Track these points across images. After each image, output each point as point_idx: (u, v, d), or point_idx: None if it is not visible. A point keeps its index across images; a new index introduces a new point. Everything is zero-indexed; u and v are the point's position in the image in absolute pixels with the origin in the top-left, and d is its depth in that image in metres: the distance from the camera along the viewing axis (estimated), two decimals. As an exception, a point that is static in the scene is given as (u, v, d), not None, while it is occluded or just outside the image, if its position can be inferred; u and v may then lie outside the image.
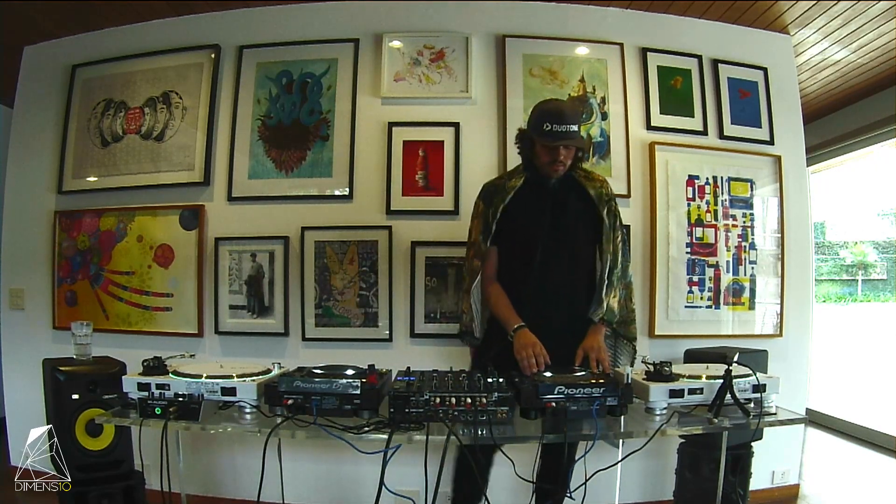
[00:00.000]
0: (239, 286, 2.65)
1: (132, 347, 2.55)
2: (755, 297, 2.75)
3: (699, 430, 1.51)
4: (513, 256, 1.93)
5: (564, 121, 1.77)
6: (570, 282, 1.91)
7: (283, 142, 2.67)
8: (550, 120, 1.78)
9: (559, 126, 1.76)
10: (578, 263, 1.93)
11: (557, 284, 1.88)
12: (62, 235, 2.81)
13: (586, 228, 1.94)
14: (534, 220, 1.89)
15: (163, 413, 1.43)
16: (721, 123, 2.77)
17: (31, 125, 2.93)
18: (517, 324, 1.79)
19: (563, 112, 1.80)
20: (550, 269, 1.87)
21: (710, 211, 2.73)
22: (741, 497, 2.16)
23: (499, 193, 1.94)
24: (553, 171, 1.87)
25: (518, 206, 1.91)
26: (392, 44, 2.68)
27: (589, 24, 2.73)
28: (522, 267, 1.88)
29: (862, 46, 2.94)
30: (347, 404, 1.41)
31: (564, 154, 1.83)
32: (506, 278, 1.94)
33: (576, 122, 1.80)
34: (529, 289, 1.86)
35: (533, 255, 1.86)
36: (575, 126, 1.79)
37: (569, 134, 1.78)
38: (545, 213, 1.89)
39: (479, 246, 1.93)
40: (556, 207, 1.90)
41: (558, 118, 1.77)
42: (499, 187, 1.97)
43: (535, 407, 1.42)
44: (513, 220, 1.92)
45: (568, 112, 1.81)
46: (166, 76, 2.77)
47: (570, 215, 1.91)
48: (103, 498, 1.92)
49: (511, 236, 1.93)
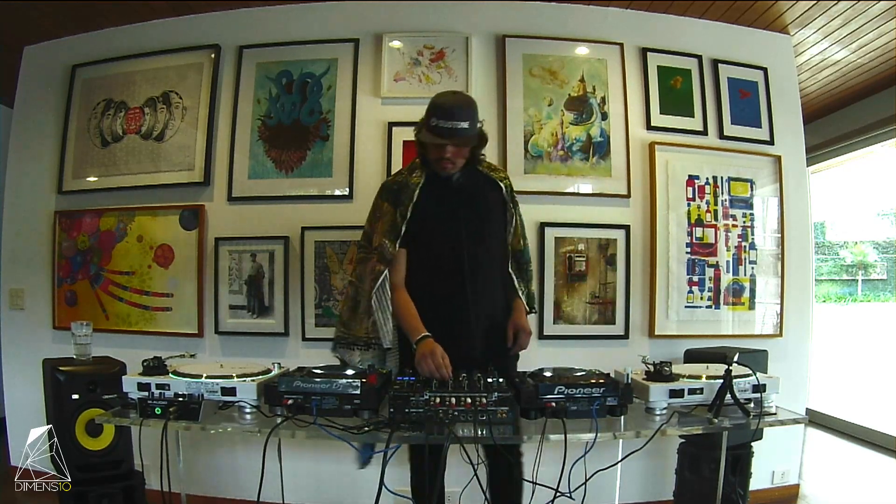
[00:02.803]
0: (239, 286, 2.65)
1: (132, 347, 2.55)
2: (755, 297, 2.75)
3: (699, 430, 1.51)
4: (432, 258, 1.80)
5: (452, 116, 1.65)
6: (493, 277, 1.86)
7: (283, 142, 2.67)
8: (438, 115, 1.66)
9: (445, 122, 1.65)
10: (495, 258, 1.87)
11: (485, 282, 1.82)
12: (62, 235, 2.81)
13: (498, 220, 1.89)
14: (450, 219, 1.78)
15: (163, 413, 1.43)
16: (721, 123, 2.77)
17: (31, 125, 2.93)
18: (423, 333, 1.66)
19: (451, 107, 1.67)
20: (479, 268, 1.79)
21: (710, 211, 2.73)
22: (741, 497, 2.16)
23: (405, 192, 1.79)
24: (441, 169, 1.76)
25: (428, 205, 1.78)
26: (392, 44, 2.68)
27: (589, 24, 2.73)
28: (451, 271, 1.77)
29: (862, 46, 2.94)
30: (347, 404, 1.41)
31: (452, 151, 1.71)
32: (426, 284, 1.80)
33: (467, 117, 1.67)
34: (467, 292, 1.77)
35: (461, 257, 1.77)
36: (464, 122, 1.66)
37: (454, 131, 1.66)
38: (459, 210, 1.79)
39: (385, 249, 1.76)
40: (469, 203, 1.81)
41: (446, 113, 1.65)
42: (402, 185, 1.81)
43: (535, 407, 1.42)
44: (425, 220, 1.78)
45: (458, 107, 1.68)
46: (166, 76, 2.77)
47: (483, 209, 1.84)
48: (103, 498, 1.92)
49: (428, 237, 1.79)
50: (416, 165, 1.87)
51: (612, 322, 2.64)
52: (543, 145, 2.65)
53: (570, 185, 2.65)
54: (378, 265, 1.77)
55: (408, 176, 1.84)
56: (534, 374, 1.60)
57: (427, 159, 1.80)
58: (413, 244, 1.80)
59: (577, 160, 2.65)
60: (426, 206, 1.78)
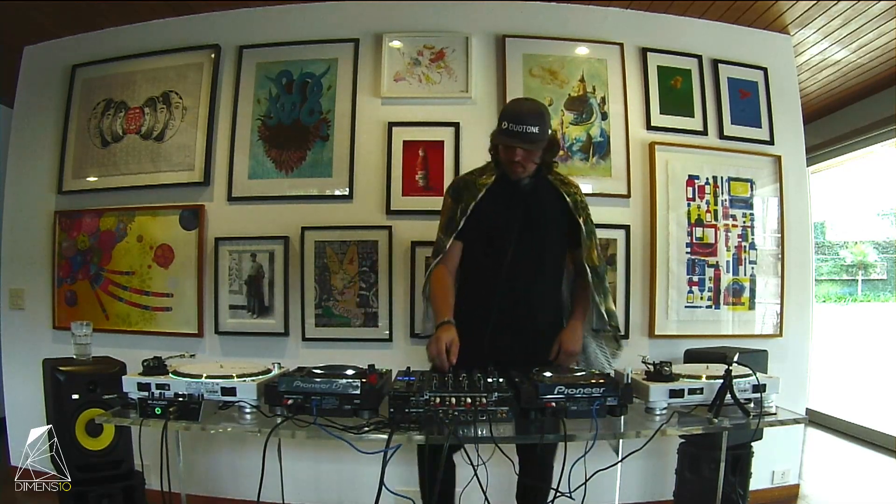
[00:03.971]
0: (239, 286, 2.65)
1: (132, 347, 2.55)
2: (755, 297, 2.75)
3: (699, 430, 1.50)
4: (481, 254, 1.87)
5: (521, 121, 1.71)
6: (538, 285, 1.87)
7: (283, 142, 2.67)
8: (508, 119, 1.73)
9: (514, 126, 1.71)
10: (546, 268, 1.89)
11: (525, 286, 1.84)
12: (62, 235, 2.81)
13: (559, 233, 1.89)
14: (505, 220, 1.83)
15: (163, 413, 1.43)
16: (721, 123, 2.77)
17: (31, 125, 2.93)
18: (446, 318, 1.72)
19: (521, 112, 1.74)
20: (520, 270, 1.81)
21: (710, 211, 2.73)
22: (741, 497, 2.16)
23: (469, 190, 1.88)
24: (512, 172, 1.82)
25: (489, 204, 1.85)
26: (392, 44, 2.68)
27: (589, 24, 2.73)
28: (492, 266, 1.82)
29: (862, 46, 2.94)
30: (347, 404, 1.41)
31: (522, 155, 1.76)
32: (472, 276, 1.90)
33: (536, 123, 1.72)
34: (497, 288, 1.80)
35: (503, 255, 1.81)
36: (534, 128, 1.71)
37: (522, 134, 1.71)
38: (517, 213, 1.83)
39: (440, 243, 1.88)
40: (528, 208, 1.84)
41: (516, 118, 1.72)
42: (469, 183, 1.91)
43: (535, 407, 1.42)
44: (484, 219, 1.85)
45: (528, 112, 1.74)
46: (166, 76, 2.77)
47: (542, 218, 1.86)
48: (103, 498, 1.92)
49: (480, 234, 1.86)
50: (489, 167, 1.94)
51: (612, 322, 2.64)
52: (543, 145, 2.64)
53: (570, 185, 2.65)
54: (433, 258, 1.88)
55: (477, 175, 1.93)
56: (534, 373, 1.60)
57: (500, 162, 1.86)
58: (469, 240, 1.88)
59: (577, 160, 2.65)
60: (486, 205, 1.85)
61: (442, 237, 1.88)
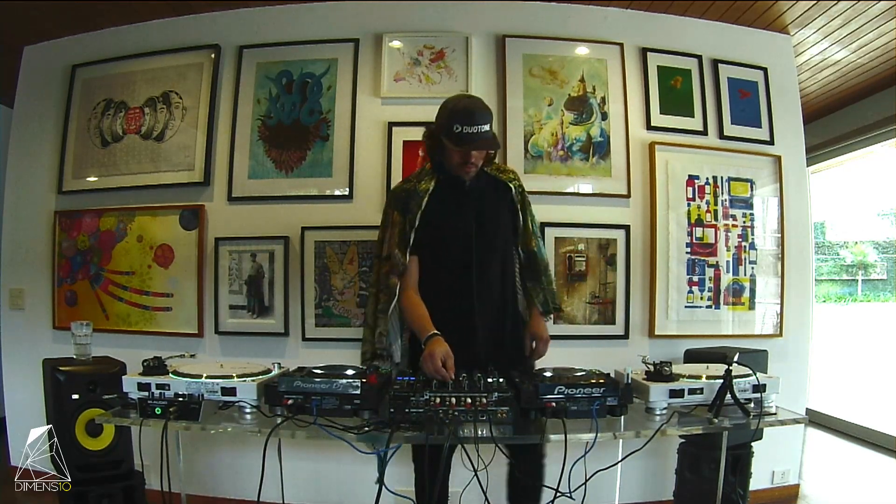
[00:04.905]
0: (239, 286, 2.65)
1: (132, 347, 2.55)
2: (755, 297, 2.75)
3: (699, 430, 1.51)
4: (443, 265, 1.80)
5: (475, 121, 1.65)
6: (504, 282, 1.86)
7: (283, 142, 2.67)
8: (461, 121, 1.65)
9: (470, 128, 1.64)
10: (507, 265, 1.88)
11: (494, 288, 1.82)
12: (62, 235, 2.81)
13: (508, 224, 1.88)
14: (461, 225, 1.78)
15: (163, 413, 1.43)
16: (721, 123, 2.77)
17: (31, 125, 2.93)
18: (432, 331, 1.65)
19: (472, 112, 1.67)
20: (487, 273, 1.79)
21: (710, 211, 2.73)
22: (741, 497, 2.16)
23: (413, 199, 1.79)
24: (465, 174, 1.77)
25: (438, 211, 1.78)
26: (392, 44, 2.68)
27: (589, 24, 2.73)
28: (460, 276, 1.77)
29: (862, 46, 2.94)
30: (347, 404, 1.41)
31: (476, 155, 1.73)
32: (436, 288, 1.80)
33: (487, 120, 1.68)
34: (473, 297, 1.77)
35: (469, 263, 1.77)
36: (486, 125, 1.67)
37: (480, 135, 1.66)
38: (469, 214, 1.79)
39: (396, 260, 1.77)
40: (479, 208, 1.81)
41: (468, 118, 1.65)
42: (411, 192, 1.82)
43: (535, 407, 1.42)
44: (435, 227, 1.78)
45: (478, 111, 1.68)
46: (166, 76, 2.77)
47: (493, 214, 1.83)
48: (103, 498, 1.92)
49: (437, 244, 1.79)
50: (424, 172, 1.87)
51: (612, 322, 2.64)
52: (543, 145, 2.65)
53: (570, 185, 2.65)
54: (392, 278, 1.78)
55: (416, 183, 1.84)
56: (534, 373, 1.60)
57: (442, 164, 1.80)
58: (424, 250, 1.80)
59: (577, 160, 2.65)
60: (435, 212, 1.78)
61: (397, 253, 1.77)
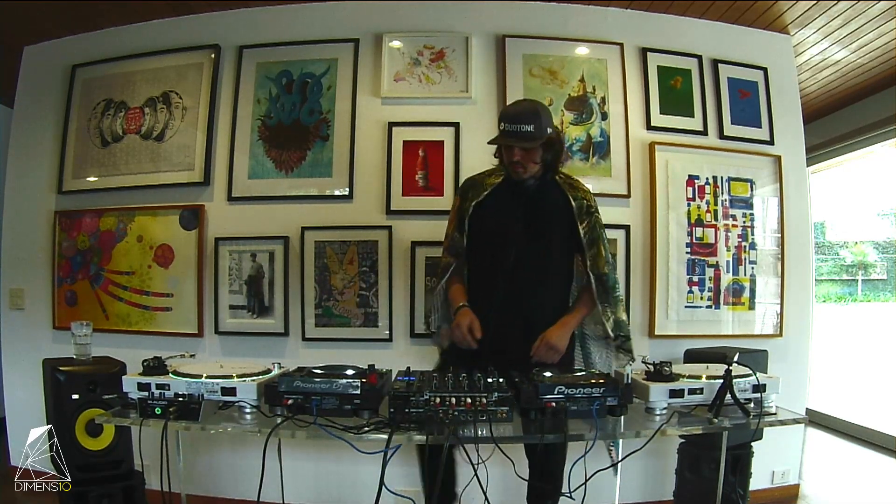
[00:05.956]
0: (239, 286, 2.65)
1: (132, 347, 2.55)
2: (755, 297, 2.75)
3: (699, 430, 1.50)
4: (484, 255, 1.89)
5: (516, 120, 1.74)
6: (539, 289, 1.86)
7: (283, 142, 2.67)
8: (505, 119, 1.78)
9: (510, 125, 1.75)
10: (550, 273, 1.89)
11: (527, 291, 1.83)
12: (62, 235, 2.81)
13: (562, 235, 1.88)
14: (506, 220, 1.85)
15: (163, 413, 1.43)
16: (721, 123, 2.77)
17: (31, 125, 2.93)
18: (461, 303, 1.84)
19: (517, 112, 1.78)
20: (522, 274, 1.82)
21: (710, 211, 2.73)
22: (741, 497, 2.16)
23: (475, 189, 1.94)
24: (513, 172, 1.84)
25: (491, 204, 1.89)
26: (392, 44, 2.68)
27: (589, 24, 2.73)
28: (494, 267, 1.83)
29: (862, 46, 2.94)
30: (347, 404, 1.41)
31: (521, 155, 1.78)
32: (475, 276, 1.93)
33: (532, 122, 1.73)
34: (500, 290, 1.81)
35: (506, 256, 1.81)
36: (529, 126, 1.73)
37: (517, 133, 1.74)
38: (518, 214, 1.84)
39: (455, 241, 1.93)
40: (529, 209, 1.85)
41: (511, 118, 1.76)
42: (476, 183, 1.96)
43: (535, 407, 1.42)
44: (485, 218, 1.89)
45: (524, 112, 1.77)
46: (166, 76, 2.77)
47: (544, 221, 1.86)
48: (103, 498, 1.92)
49: (482, 235, 1.90)
50: (499, 168, 1.98)
51: (612, 322, 2.64)
52: (543, 145, 2.64)
53: (570, 185, 2.65)
54: (447, 257, 1.95)
55: (485, 176, 1.97)
56: (534, 373, 1.60)
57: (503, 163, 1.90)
58: (472, 240, 1.92)
59: (577, 160, 2.65)
60: (488, 206, 1.89)
61: (456, 235, 1.93)
